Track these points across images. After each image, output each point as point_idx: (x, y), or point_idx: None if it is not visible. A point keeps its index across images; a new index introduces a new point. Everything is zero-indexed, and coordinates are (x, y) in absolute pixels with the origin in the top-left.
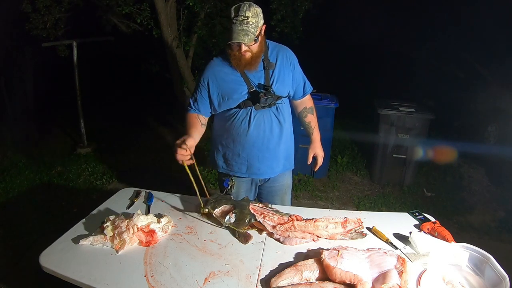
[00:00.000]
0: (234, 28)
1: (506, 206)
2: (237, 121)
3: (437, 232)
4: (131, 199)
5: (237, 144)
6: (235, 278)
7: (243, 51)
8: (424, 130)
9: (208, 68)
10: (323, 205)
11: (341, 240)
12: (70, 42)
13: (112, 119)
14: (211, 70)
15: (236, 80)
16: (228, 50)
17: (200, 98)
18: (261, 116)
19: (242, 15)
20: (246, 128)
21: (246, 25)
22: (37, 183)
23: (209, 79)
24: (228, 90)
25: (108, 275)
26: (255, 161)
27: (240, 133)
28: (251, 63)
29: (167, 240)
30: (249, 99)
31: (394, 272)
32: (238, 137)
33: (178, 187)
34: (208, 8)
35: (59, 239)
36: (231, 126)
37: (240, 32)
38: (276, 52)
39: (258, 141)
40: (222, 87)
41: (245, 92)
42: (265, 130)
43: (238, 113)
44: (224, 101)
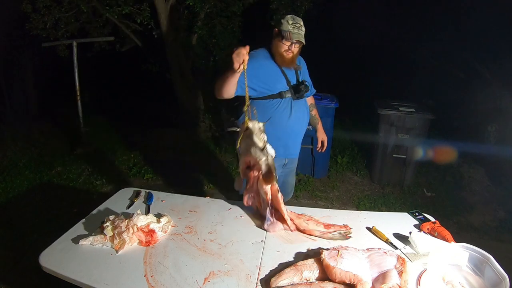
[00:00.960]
0: (293, 31)
1: (506, 206)
2: (280, 109)
3: (437, 232)
4: (131, 199)
5: (279, 129)
6: (235, 277)
7: (292, 49)
8: (424, 130)
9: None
10: (323, 205)
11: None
12: (70, 42)
13: (112, 119)
14: (257, 58)
15: (277, 73)
16: (277, 48)
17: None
18: (298, 105)
19: (298, 22)
20: (288, 115)
21: (301, 30)
22: (37, 183)
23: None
24: (270, 79)
25: (108, 275)
26: (291, 143)
27: (282, 119)
28: (292, 61)
29: (167, 240)
30: (289, 90)
31: (394, 272)
32: (280, 122)
33: (178, 186)
34: (208, 8)
35: (59, 239)
36: (274, 113)
37: (299, 34)
38: (299, 58)
39: (296, 126)
40: (263, 75)
41: (285, 84)
42: (300, 117)
43: (281, 102)
44: (265, 87)
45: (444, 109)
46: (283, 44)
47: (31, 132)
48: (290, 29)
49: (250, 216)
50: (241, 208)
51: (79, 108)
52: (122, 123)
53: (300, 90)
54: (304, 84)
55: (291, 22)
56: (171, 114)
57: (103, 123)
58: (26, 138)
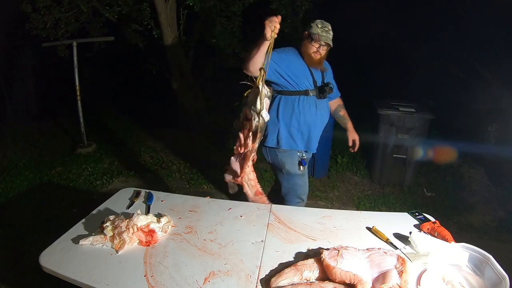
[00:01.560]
0: (322, 34)
1: (506, 206)
2: (306, 105)
3: (437, 232)
4: (131, 199)
5: (302, 123)
6: (235, 277)
7: (320, 51)
8: (424, 130)
9: (284, 49)
10: (323, 205)
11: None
12: (70, 42)
13: (113, 119)
14: (286, 51)
15: (305, 71)
16: (307, 49)
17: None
18: (322, 104)
19: (326, 26)
20: (313, 112)
21: (330, 34)
22: (37, 183)
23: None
24: (298, 75)
25: (108, 275)
26: (313, 139)
27: (307, 115)
28: (320, 62)
29: (167, 240)
30: (314, 89)
31: (394, 272)
32: (305, 118)
33: (178, 186)
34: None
35: (59, 239)
36: (300, 108)
37: (327, 37)
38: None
39: (319, 123)
40: (293, 69)
41: (311, 83)
42: (323, 115)
43: (306, 99)
44: (293, 78)
45: (444, 109)
46: (312, 46)
47: (31, 132)
48: (319, 32)
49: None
50: (241, 208)
51: (79, 108)
52: (122, 123)
53: (324, 90)
54: (329, 86)
55: (320, 26)
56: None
57: (103, 123)
58: (26, 138)
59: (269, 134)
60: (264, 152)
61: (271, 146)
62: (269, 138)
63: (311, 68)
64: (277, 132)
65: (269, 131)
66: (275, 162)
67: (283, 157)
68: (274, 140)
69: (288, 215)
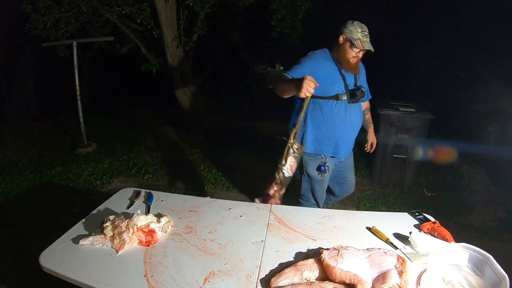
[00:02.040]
0: (363, 39)
1: (506, 206)
2: (335, 110)
3: (437, 232)
4: (131, 199)
5: (330, 129)
6: (235, 277)
7: (359, 55)
8: (424, 130)
9: (315, 56)
10: None
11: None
12: (70, 42)
13: (113, 119)
14: (317, 58)
15: (336, 76)
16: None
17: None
18: (352, 108)
19: (366, 30)
20: (342, 117)
21: (368, 38)
22: (37, 183)
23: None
24: (327, 81)
25: (108, 275)
26: (341, 144)
27: (336, 120)
28: (357, 67)
29: (167, 240)
30: (345, 93)
31: (394, 272)
32: (333, 123)
33: (178, 186)
34: (208, 8)
35: (59, 239)
36: (329, 114)
37: (369, 43)
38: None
39: (348, 128)
40: (321, 76)
41: (342, 87)
42: (353, 120)
43: (336, 103)
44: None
45: (444, 109)
46: (352, 51)
47: (31, 132)
48: (361, 37)
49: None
50: (241, 208)
51: (79, 108)
52: (122, 123)
53: (356, 95)
54: (361, 90)
55: (360, 31)
56: (171, 114)
57: (103, 123)
58: (26, 138)
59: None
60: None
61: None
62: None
63: (344, 71)
64: (303, 135)
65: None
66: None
67: (306, 160)
68: (299, 142)
69: (288, 215)
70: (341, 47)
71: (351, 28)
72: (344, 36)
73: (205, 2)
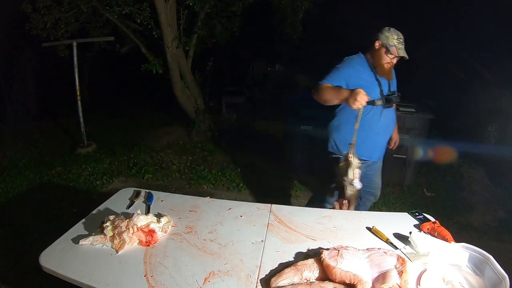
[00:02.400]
0: (399, 46)
1: (506, 206)
2: (370, 115)
3: (437, 232)
4: (131, 199)
5: (365, 133)
6: (235, 277)
7: (394, 61)
8: (424, 130)
9: (351, 62)
10: None
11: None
12: (70, 42)
13: (113, 119)
14: (353, 64)
15: (372, 82)
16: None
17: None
18: (387, 113)
19: (401, 37)
20: (377, 121)
21: (403, 44)
22: (37, 183)
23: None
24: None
25: (108, 275)
26: (375, 147)
27: (371, 125)
28: (391, 72)
29: (167, 240)
30: (380, 99)
31: (394, 272)
32: (369, 127)
33: (178, 186)
34: (208, 8)
35: (59, 239)
36: (364, 118)
37: (404, 50)
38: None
39: (382, 133)
40: (357, 83)
41: (378, 93)
42: (387, 124)
43: (372, 109)
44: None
45: (444, 109)
46: (387, 57)
47: (31, 132)
48: (396, 44)
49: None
50: (241, 208)
51: (79, 108)
52: (122, 123)
53: (391, 100)
54: (396, 95)
55: (396, 37)
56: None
57: (103, 123)
58: (26, 138)
59: (330, 139)
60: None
61: (330, 151)
62: (330, 143)
63: (379, 77)
64: (338, 139)
65: (330, 136)
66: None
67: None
68: (334, 146)
69: (288, 215)
70: (377, 53)
71: (388, 35)
72: (380, 41)
73: (205, 2)
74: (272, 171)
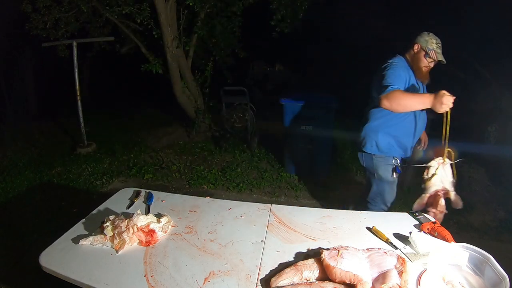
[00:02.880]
0: (437, 50)
1: (506, 206)
2: (408, 118)
3: (437, 232)
4: (131, 199)
5: (402, 134)
6: (235, 277)
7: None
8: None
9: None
10: (323, 205)
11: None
12: (70, 42)
13: (113, 119)
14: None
15: (414, 86)
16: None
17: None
18: (421, 116)
19: (439, 42)
20: (413, 124)
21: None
22: (37, 183)
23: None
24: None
25: (108, 275)
26: (409, 147)
27: (407, 127)
28: (427, 76)
29: (167, 240)
30: None
31: (394, 272)
32: (405, 129)
33: (178, 186)
34: (208, 8)
35: (59, 239)
36: (402, 120)
37: (441, 54)
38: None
39: (417, 133)
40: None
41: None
42: (422, 126)
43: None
44: None
45: None
46: (425, 60)
47: (31, 132)
48: (435, 48)
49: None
50: (241, 208)
51: (79, 108)
52: (122, 123)
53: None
54: None
55: (435, 42)
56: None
57: (103, 123)
58: (26, 138)
59: (369, 141)
60: (360, 156)
61: (369, 152)
62: (368, 144)
63: (417, 80)
64: (377, 139)
65: (369, 138)
66: (369, 167)
67: (378, 162)
68: (374, 146)
69: (288, 215)
70: (416, 56)
71: (427, 39)
72: (420, 45)
73: (205, 2)
74: (272, 171)
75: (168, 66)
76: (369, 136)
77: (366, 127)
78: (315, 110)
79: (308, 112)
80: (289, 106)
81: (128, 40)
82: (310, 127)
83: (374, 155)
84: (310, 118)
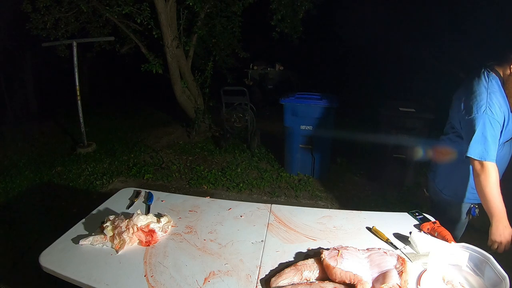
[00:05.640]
0: None
1: (506, 206)
2: (501, 152)
3: (437, 232)
4: (131, 199)
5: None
6: (235, 277)
7: None
8: (424, 130)
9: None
10: (323, 205)
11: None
12: (70, 42)
13: (113, 119)
14: (498, 92)
15: (509, 116)
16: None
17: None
18: (506, 149)
19: None
20: (506, 157)
21: None
22: (37, 183)
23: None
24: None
25: (108, 275)
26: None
27: (501, 161)
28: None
29: (167, 240)
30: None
31: (394, 272)
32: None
33: (178, 186)
34: (208, 8)
35: (59, 239)
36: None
37: None
38: None
39: (505, 167)
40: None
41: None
42: (506, 162)
43: (504, 145)
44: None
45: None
46: None
47: (31, 132)
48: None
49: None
50: (241, 208)
51: (79, 108)
52: (122, 123)
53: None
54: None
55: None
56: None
57: (103, 123)
58: (26, 138)
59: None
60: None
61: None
62: (442, 184)
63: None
64: (458, 183)
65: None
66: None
67: (448, 205)
68: (451, 191)
69: (288, 215)
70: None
71: None
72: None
73: (205, 2)
74: (272, 171)
75: (168, 66)
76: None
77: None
78: (315, 110)
79: (308, 112)
80: (289, 106)
81: (128, 40)
82: (310, 127)
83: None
84: (310, 118)
